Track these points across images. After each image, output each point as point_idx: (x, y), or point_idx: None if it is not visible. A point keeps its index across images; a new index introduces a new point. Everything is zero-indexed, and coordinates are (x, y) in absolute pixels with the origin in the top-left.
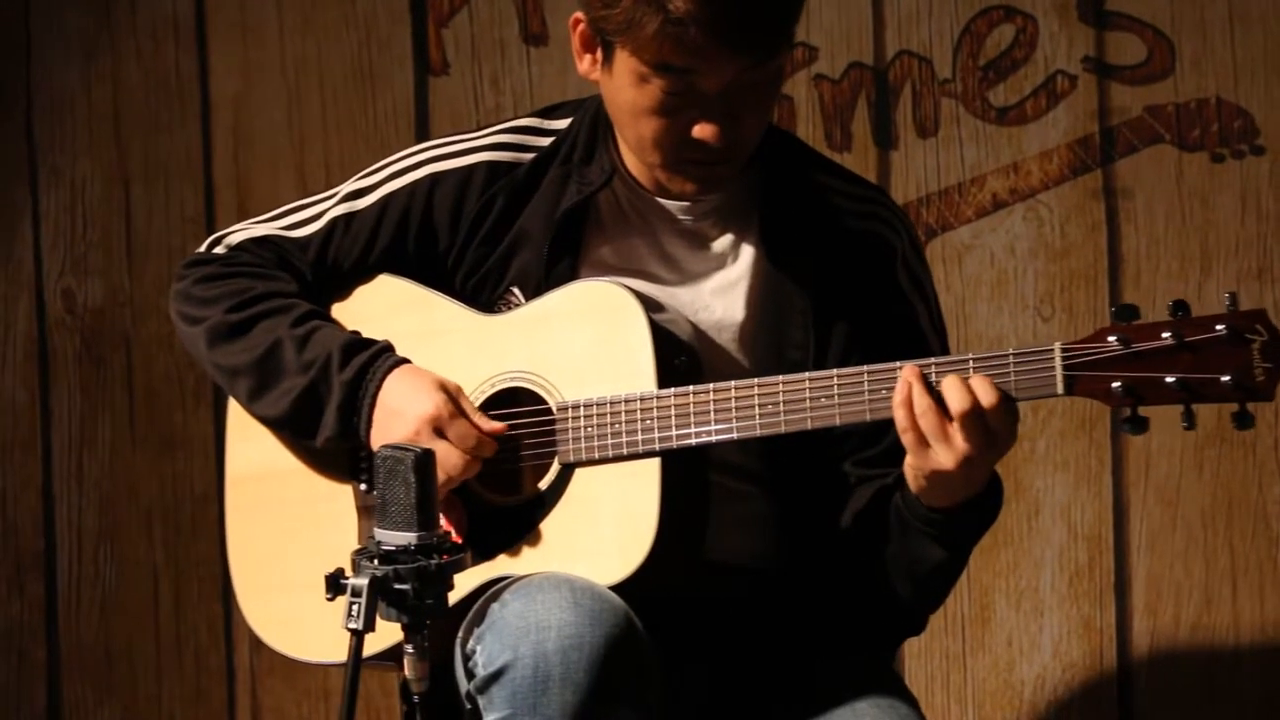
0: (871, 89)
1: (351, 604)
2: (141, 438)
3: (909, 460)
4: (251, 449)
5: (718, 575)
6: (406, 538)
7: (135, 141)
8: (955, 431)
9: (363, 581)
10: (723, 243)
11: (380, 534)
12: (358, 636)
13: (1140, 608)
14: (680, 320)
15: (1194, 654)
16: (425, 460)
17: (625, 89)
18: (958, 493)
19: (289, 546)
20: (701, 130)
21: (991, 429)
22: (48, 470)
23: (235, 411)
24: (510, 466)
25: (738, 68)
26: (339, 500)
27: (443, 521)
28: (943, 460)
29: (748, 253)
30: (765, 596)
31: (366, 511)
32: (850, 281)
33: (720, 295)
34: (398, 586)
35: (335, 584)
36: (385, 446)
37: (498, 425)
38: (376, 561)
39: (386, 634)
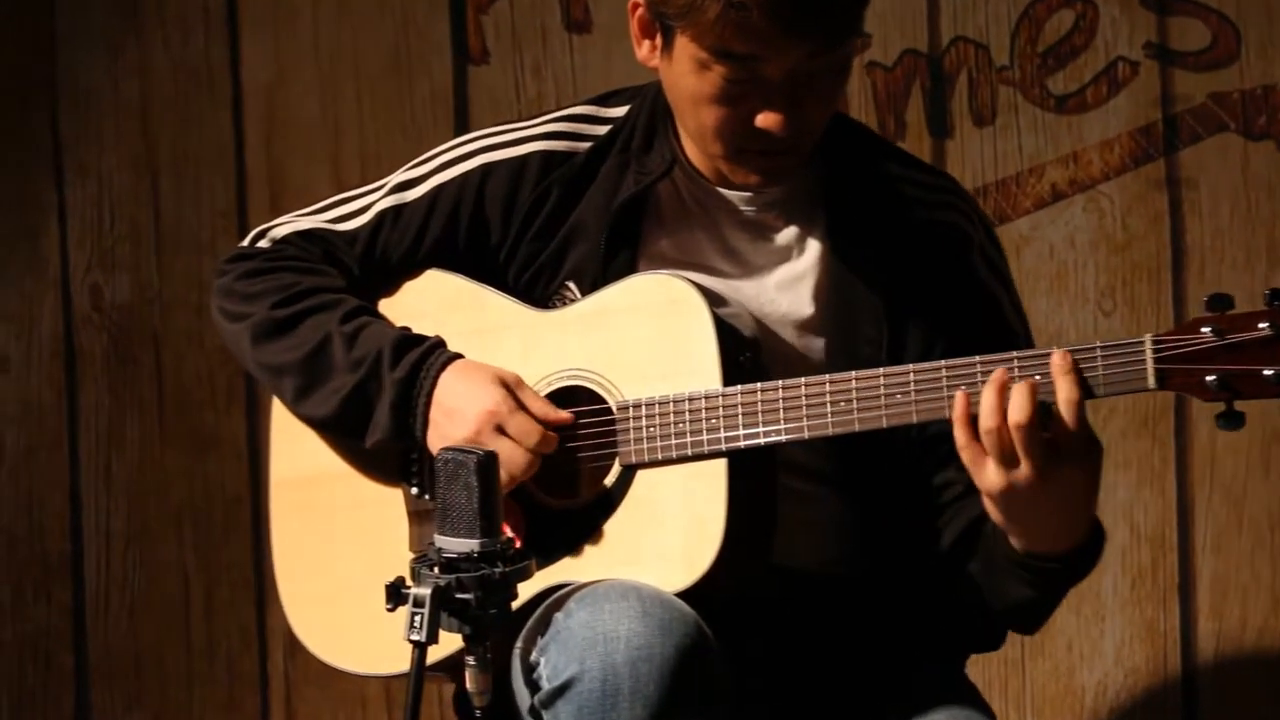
0: (926, 76)
1: (414, 615)
2: (171, 438)
3: (975, 482)
4: (296, 451)
5: (784, 580)
6: (469, 544)
7: (164, 133)
8: (1016, 444)
9: (425, 591)
10: (787, 234)
11: (441, 540)
12: (420, 649)
13: (1205, 610)
14: (744, 315)
15: (1261, 658)
16: (488, 463)
17: (685, 76)
18: (1044, 530)
19: (336, 552)
20: (765, 119)
21: (1057, 441)
22: (75, 472)
23: (279, 412)
24: (568, 468)
25: (803, 54)
26: (389, 504)
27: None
28: (1004, 479)
29: (814, 245)
30: (834, 602)
31: (418, 516)
32: (925, 273)
33: (785, 289)
34: (460, 596)
35: (396, 593)
36: (446, 449)
37: (564, 414)
38: (437, 570)
39: (440, 644)
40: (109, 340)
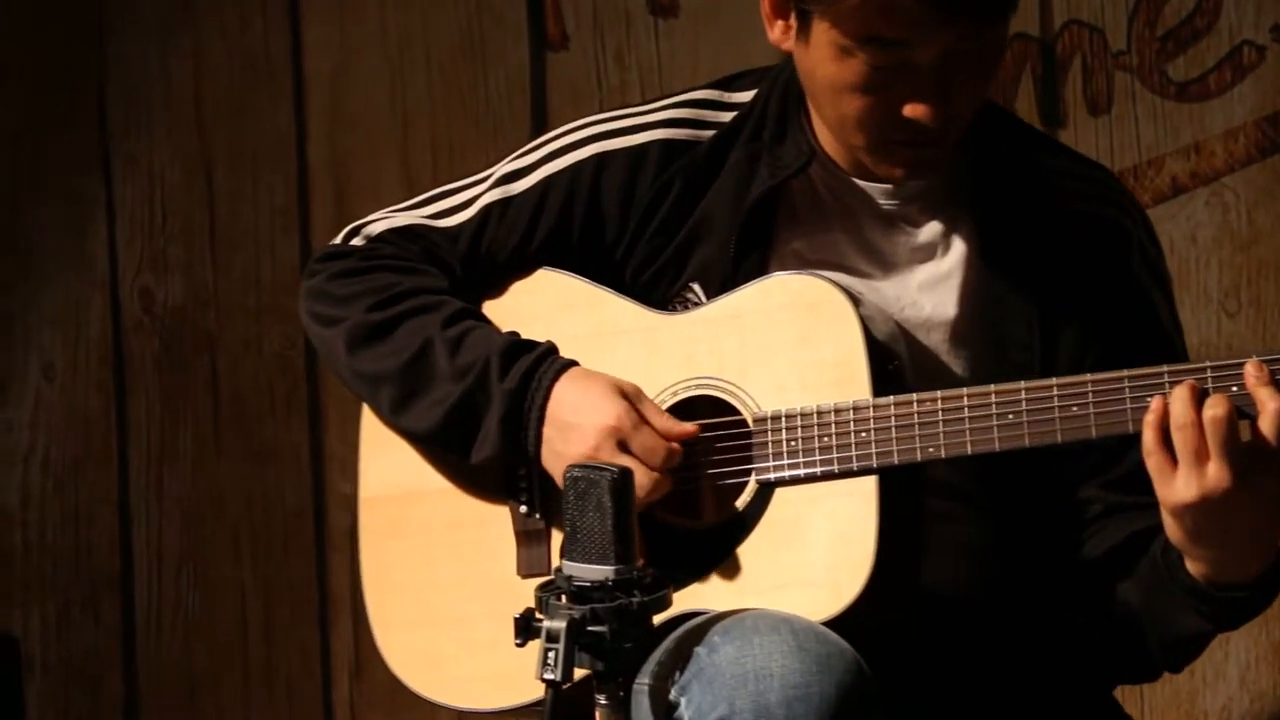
0: (1038, 62)
1: (547, 651)
2: (227, 449)
3: (1158, 494)
4: (388, 466)
5: (920, 605)
6: (602, 572)
7: (219, 125)
8: (1211, 444)
9: (560, 625)
10: (931, 231)
11: (569, 567)
12: (555, 689)
13: None
14: (881, 318)
15: None
16: (623, 481)
17: (825, 63)
18: (1233, 549)
19: (434, 576)
20: (913, 109)
21: (1256, 449)
22: (124, 485)
23: (369, 423)
24: (692, 486)
25: (955, 37)
26: (493, 524)
27: None
28: (1195, 487)
29: (960, 242)
30: (972, 628)
31: (527, 537)
32: (1080, 272)
33: (929, 290)
34: (592, 628)
35: (527, 627)
36: (575, 466)
37: (688, 427)
38: (565, 599)
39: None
40: (160, 346)
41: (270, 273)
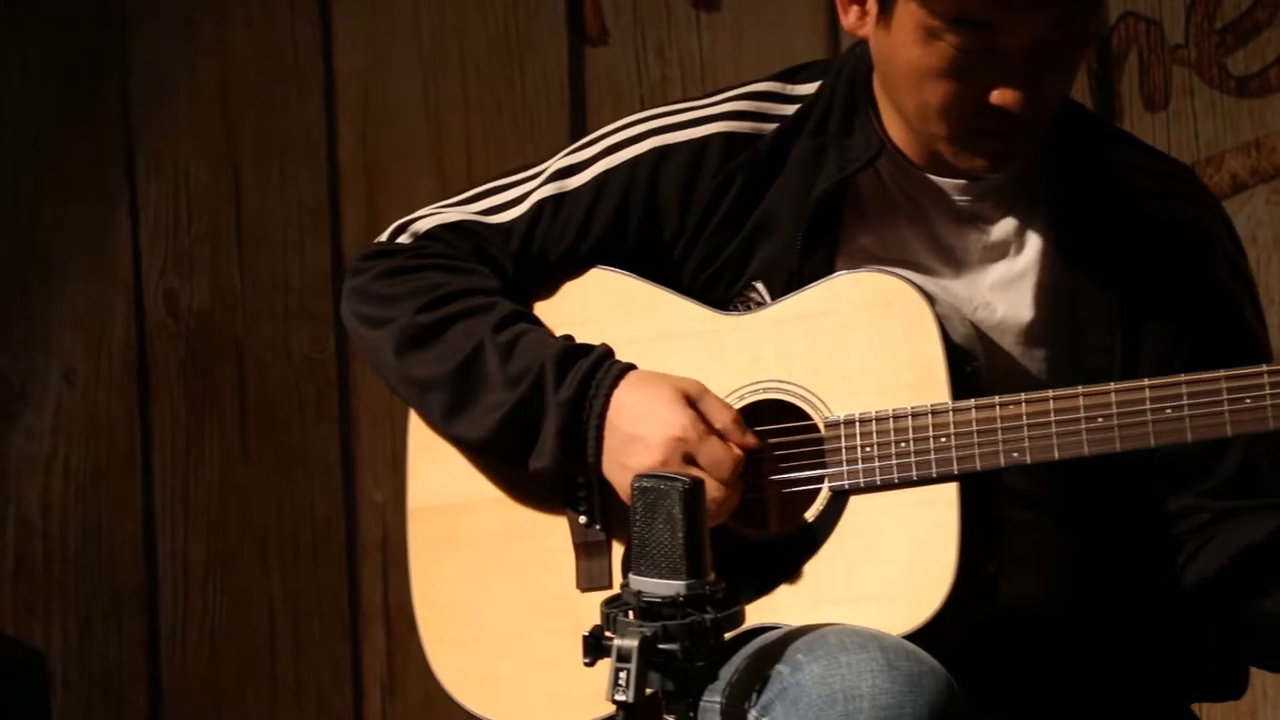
0: (1093, 56)
1: (618, 671)
2: (254, 456)
3: None
4: (438, 474)
5: (999, 619)
6: (673, 587)
7: (246, 122)
8: None
9: (631, 644)
10: (1004, 228)
11: (637, 582)
12: (628, 712)
13: None
14: (957, 317)
15: None
16: (694, 492)
17: (908, 46)
18: None
19: (488, 590)
20: (1001, 96)
21: None
22: (149, 493)
23: (417, 430)
24: (759, 495)
25: (1047, 22)
26: (549, 535)
27: None
28: None
29: (1035, 240)
30: (1049, 641)
31: (587, 549)
32: (1161, 273)
33: (1002, 290)
34: (663, 646)
35: (596, 645)
36: (644, 475)
37: (751, 437)
38: (633, 615)
39: (595, 696)
40: (185, 349)
41: (299, 274)
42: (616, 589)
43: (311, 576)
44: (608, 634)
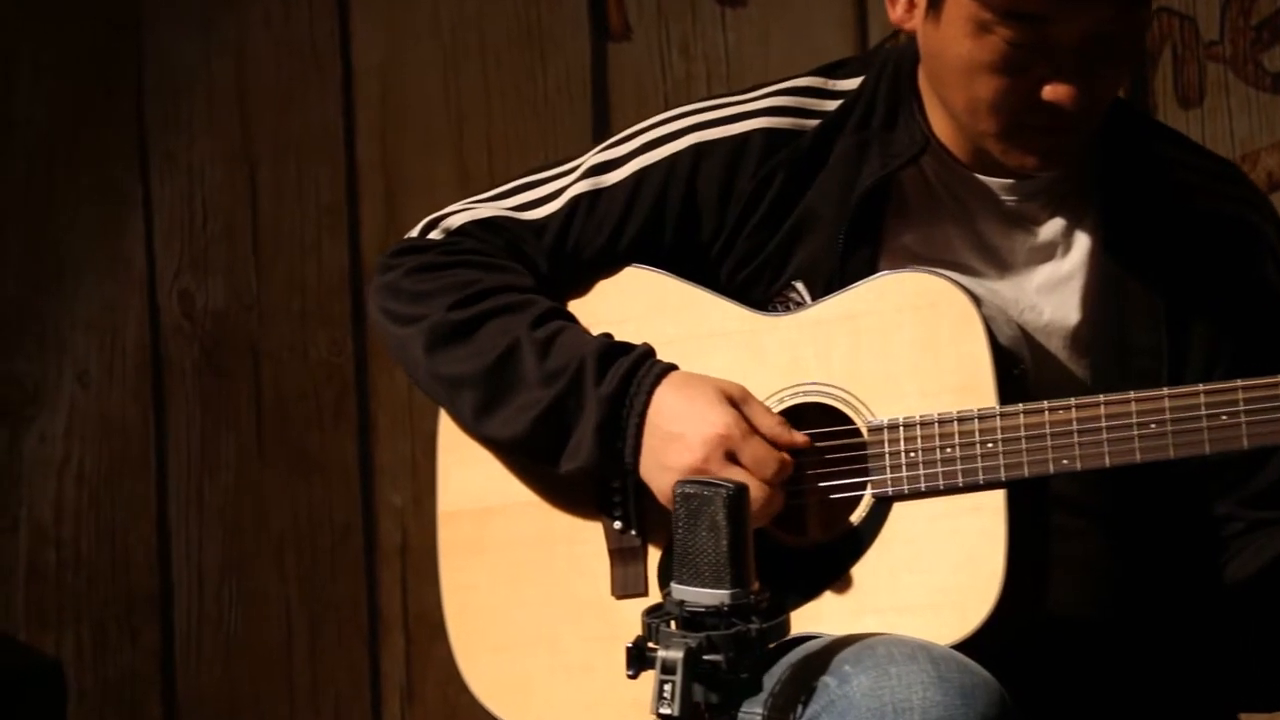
0: None
1: (663, 684)
2: (271, 459)
3: None
4: (470, 477)
5: (1044, 627)
6: (717, 596)
7: (263, 120)
8: None
9: (676, 655)
10: (1052, 229)
11: (680, 591)
12: None
13: None
14: (1003, 319)
15: None
16: (739, 498)
17: (959, 40)
18: None
19: (520, 596)
20: (1054, 91)
21: None
22: (163, 498)
23: (447, 432)
24: (800, 501)
25: (1101, 15)
26: (583, 541)
27: None
28: None
29: (1082, 241)
30: (1094, 649)
31: (621, 555)
32: (1210, 275)
33: (1049, 293)
34: (707, 658)
35: (640, 657)
36: (687, 481)
37: (799, 438)
38: (674, 625)
39: (630, 705)
40: (201, 351)
41: (316, 275)
42: (652, 596)
43: (329, 582)
44: (650, 645)
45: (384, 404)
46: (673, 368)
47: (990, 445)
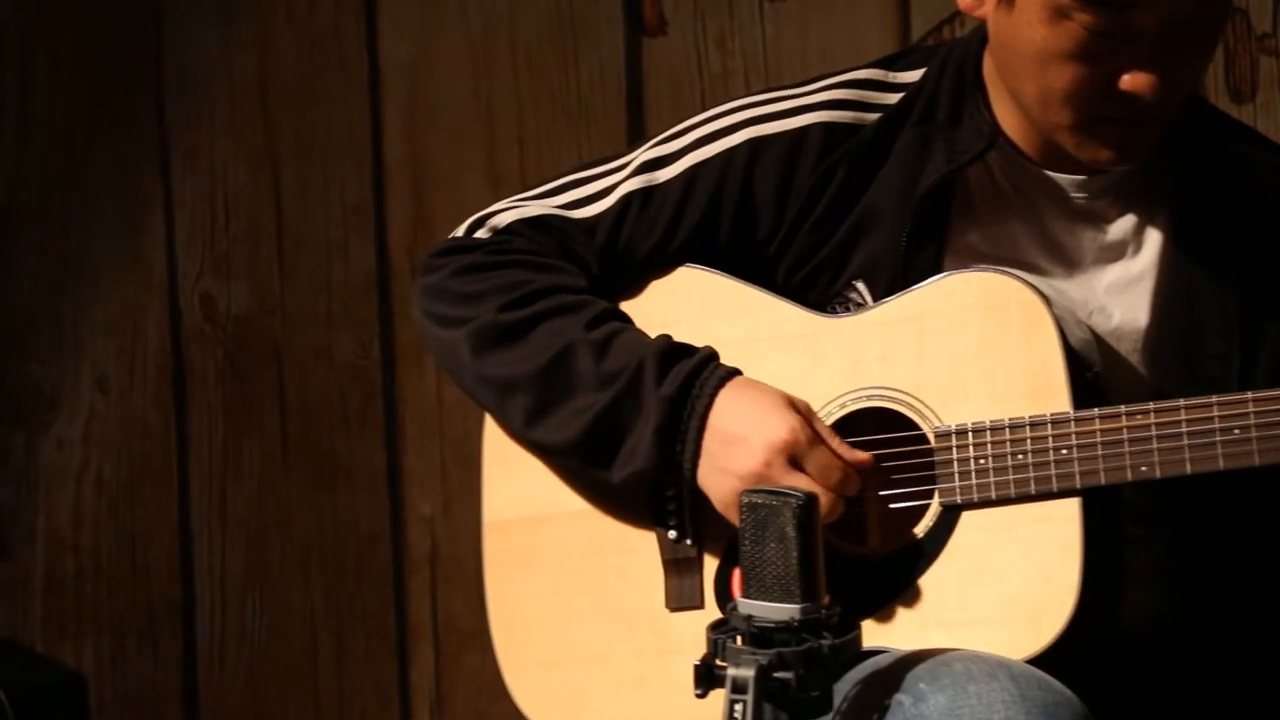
0: None
1: (733, 703)
2: (296, 466)
3: None
4: (516, 484)
5: (1113, 639)
6: (786, 611)
7: (286, 118)
8: None
9: (748, 673)
10: (1122, 227)
11: (748, 606)
12: None
13: None
14: (1073, 320)
15: None
16: (809, 508)
17: (1033, 27)
18: None
19: (569, 608)
20: (1132, 80)
21: None
22: (185, 506)
23: (493, 438)
24: (861, 510)
25: (1181, 2)
26: (636, 551)
27: None
28: None
29: (1154, 240)
30: (1163, 662)
31: (676, 566)
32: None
33: (1118, 294)
34: (777, 675)
35: (709, 676)
36: (754, 491)
37: (862, 455)
38: (740, 640)
39: None
40: (223, 355)
41: (342, 277)
42: (708, 608)
43: (356, 592)
44: (719, 662)
45: (412, 409)
46: (736, 372)
47: (1065, 452)
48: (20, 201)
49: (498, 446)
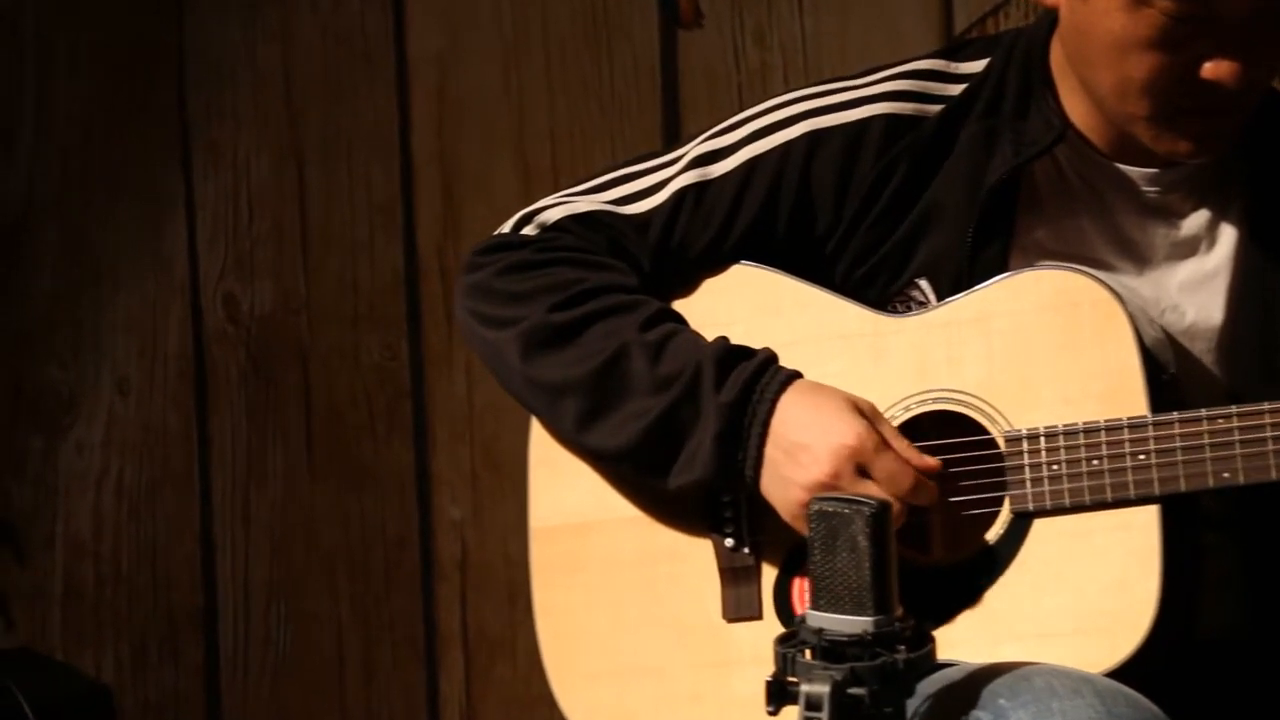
0: None
1: None
2: (321, 471)
3: None
4: (565, 490)
5: (1186, 651)
6: (859, 624)
7: (312, 113)
8: None
9: (823, 690)
10: (1195, 223)
11: (818, 618)
12: None
13: None
14: (1146, 320)
15: None
16: (882, 517)
17: (1111, 15)
18: None
19: (621, 619)
20: (1215, 69)
21: None
22: (207, 511)
23: (539, 442)
24: (927, 517)
25: None
26: (691, 559)
27: None
28: None
29: (1228, 236)
30: (1235, 672)
31: (733, 575)
32: None
33: (1191, 291)
34: (851, 691)
35: (781, 692)
36: (823, 499)
37: (931, 461)
38: (810, 654)
39: None
40: (246, 357)
41: (369, 276)
42: (766, 619)
43: (383, 600)
44: (791, 679)
45: (441, 411)
46: (797, 375)
47: (1142, 457)
48: (38, 198)
49: (545, 450)
